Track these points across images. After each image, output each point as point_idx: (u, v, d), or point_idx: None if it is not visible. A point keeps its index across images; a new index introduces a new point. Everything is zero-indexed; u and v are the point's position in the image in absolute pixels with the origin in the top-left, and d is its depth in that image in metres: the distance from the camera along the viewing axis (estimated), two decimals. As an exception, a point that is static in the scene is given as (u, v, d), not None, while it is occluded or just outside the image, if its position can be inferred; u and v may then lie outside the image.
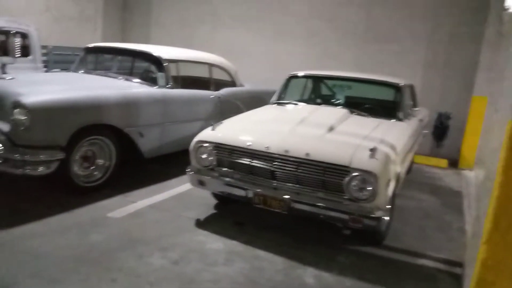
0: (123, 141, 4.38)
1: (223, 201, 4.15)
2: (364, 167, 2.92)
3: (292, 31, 8.77)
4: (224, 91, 5.91)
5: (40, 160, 3.60)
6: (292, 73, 5.19)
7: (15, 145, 3.55)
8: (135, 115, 4.45)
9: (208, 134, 3.61)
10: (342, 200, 3.03)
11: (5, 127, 3.60)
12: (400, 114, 4.26)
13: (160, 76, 4.96)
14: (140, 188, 4.43)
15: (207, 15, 9.79)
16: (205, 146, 3.56)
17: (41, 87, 4.01)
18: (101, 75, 5.01)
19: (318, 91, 5.22)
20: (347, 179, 2.98)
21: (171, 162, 5.28)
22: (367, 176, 2.91)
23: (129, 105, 4.39)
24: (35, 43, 6.50)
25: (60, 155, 3.71)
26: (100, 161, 4.24)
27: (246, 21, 9.27)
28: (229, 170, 3.50)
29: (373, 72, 6.10)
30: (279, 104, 4.81)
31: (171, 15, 10.33)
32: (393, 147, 3.28)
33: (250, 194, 3.32)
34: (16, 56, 6.04)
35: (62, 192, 4.04)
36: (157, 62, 5.01)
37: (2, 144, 3.53)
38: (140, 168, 5.06)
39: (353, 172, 2.95)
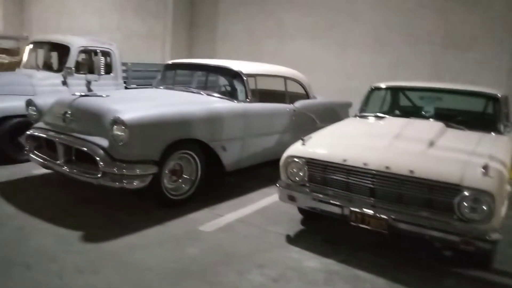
0: (207, 155, 4.45)
1: (310, 216, 4.06)
2: (478, 186, 2.72)
3: (362, 41, 8.59)
4: (299, 103, 5.86)
5: (136, 174, 3.73)
6: (374, 84, 5.04)
7: (114, 159, 3.71)
8: (219, 129, 4.52)
9: (299, 149, 3.56)
10: (451, 220, 2.84)
11: (104, 142, 3.77)
12: (500, 127, 3.97)
13: (240, 90, 5.02)
14: (224, 202, 4.47)
15: (274, 28, 9.86)
16: (296, 161, 3.51)
17: (134, 103, 4.19)
18: (184, 91, 5.15)
19: (404, 103, 5.02)
20: (457, 198, 2.79)
21: (248, 175, 5.29)
22: (482, 196, 2.70)
23: (214, 120, 4.46)
24: (117, 61, 6.84)
25: (154, 169, 3.82)
26: (187, 175, 4.33)
27: (314, 32, 9.21)
28: (322, 186, 3.42)
29: (453, 81, 5.81)
30: (362, 117, 4.67)
31: (237, 30, 10.52)
32: (503, 164, 3.04)
33: (346, 211, 3.21)
34: (101, 74, 6.39)
35: (153, 204, 4.17)
36: (237, 76, 5.07)
37: (101, 159, 3.69)
38: (220, 181, 5.11)
39: (465, 191, 2.76)
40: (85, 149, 3.78)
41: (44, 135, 4.18)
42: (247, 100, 4.98)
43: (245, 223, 3.92)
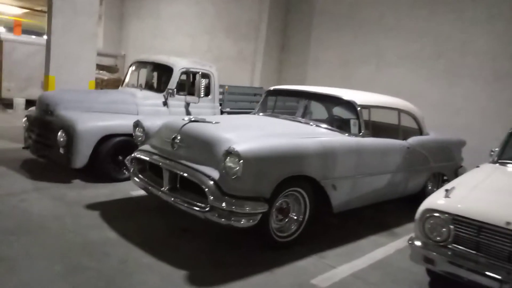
0: (316, 194, 4.01)
1: (440, 280, 3.42)
2: None
3: (473, 73, 7.73)
4: (413, 140, 5.25)
5: (245, 212, 3.38)
6: (516, 126, 4.30)
7: (223, 193, 3.40)
8: (332, 166, 4.06)
9: (442, 203, 2.99)
10: None
11: (215, 174, 3.49)
12: None
13: (353, 123, 4.55)
14: (332, 249, 3.97)
15: (371, 54, 9.33)
16: (439, 217, 2.94)
17: (246, 132, 3.89)
18: (290, 120, 4.79)
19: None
20: None
21: (350, 216, 4.76)
22: None
23: (326, 155, 4.02)
24: (215, 83, 6.73)
25: (264, 208, 3.45)
26: (293, 215, 3.92)
27: (416, 60, 8.53)
28: (472, 252, 2.81)
29: None
30: (503, 164, 3.96)
31: (330, 55, 10.14)
32: None
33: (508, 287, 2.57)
34: (201, 96, 6.29)
35: (255, 244, 3.80)
36: (350, 107, 4.62)
37: (211, 192, 3.40)
38: (321, 223, 4.62)
39: None
40: (194, 179, 3.52)
41: (151, 159, 4.01)
42: (360, 134, 4.49)
43: (363, 281, 3.38)
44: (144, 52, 13.93)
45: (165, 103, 6.17)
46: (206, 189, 3.41)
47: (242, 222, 3.38)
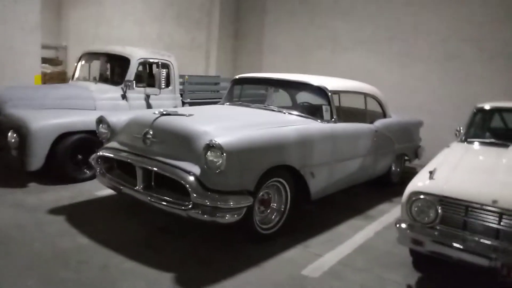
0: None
1: (424, 260, 3.51)
2: None
3: (425, 54, 8.01)
4: (379, 123, 5.36)
5: (230, 207, 3.25)
6: (479, 105, 4.49)
7: (206, 189, 3.25)
8: (309, 154, 4.03)
9: (428, 184, 3.03)
10: None
11: (195, 169, 3.31)
12: None
13: (325, 109, 4.53)
14: (315, 237, 3.96)
15: (326, 38, 9.39)
16: (425, 199, 2.98)
17: (222, 124, 3.73)
18: (263, 109, 4.68)
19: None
20: None
21: (322, 203, 4.76)
22: None
23: (305, 143, 3.97)
24: (175, 73, 6.45)
25: (249, 201, 3.34)
26: (275, 205, 3.84)
27: (371, 44, 8.70)
28: (461, 231, 2.88)
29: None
30: (470, 143, 4.12)
31: (285, 40, 10.09)
32: None
33: (496, 264, 2.66)
34: (162, 87, 6.00)
35: (236, 237, 3.70)
36: (321, 93, 4.59)
37: (193, 189, 3.23)
38: (298, 212, 4.59)
39: None
40: (173, 176, 3.32)
41: (121, 157, 3.74)
42: (332, 119, 4.49)
43: (352, 268, 3.38)
44: (87, 43, 13.12)
45: (124, 96, 5.82)
46: (188, 186, 3.24)
47: (227, 218, 3.25)
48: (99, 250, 3.35)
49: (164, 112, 3.76)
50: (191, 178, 3.27)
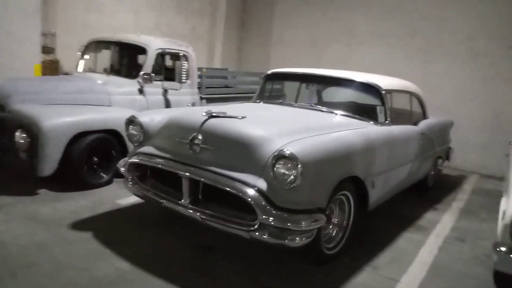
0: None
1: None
2: None
3: (451, 51, 7.65)
4: (423, 124, 4.96)
5: (302, 229, 2.76)
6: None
7: (275, 207, 2.75)
8: (371, 161, 3.57)
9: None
10: None
11: (260, 183, 2.80)
12: None
13: (379, 110, 4.09)
14: (377, 255, 3.52)
15: (341, 32, 8.94)
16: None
17: (281, 127, 3.22)
18: (312, 109, 4.17)
19: None
20: None
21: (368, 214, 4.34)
22: None
23: (368, 149, 3.51)
24: (194, 66, 5.87)
25: (322, 221, 2.86)
26: (336, 220, 3.38)
27: (391, 38, 8.29)
28: None
29: None
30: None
31: (296, 34, 9.60)
32: None
33: None
34: (182, 81, 5.42)
35: (297, 261, 3.23)
36: (373, 92, 4.14)
37: (260, 207, 2.73)
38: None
39: None
40: (235, 191, 2.80)
41: (166, 167, 3.18)
42: (386, 122, 4.05)
43: (436, 294, 2.97)
44: (76, 31, 12.27)
45: (141, 91, 5.22)
46: (253, 203, 2.73)
47: (297, 241, 2.75)
48: (142, 276, 2.82)
49: (214, 114, 3.21)
50: (256, 194, 2.76)
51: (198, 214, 2.99)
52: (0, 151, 4.31)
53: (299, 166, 2.65)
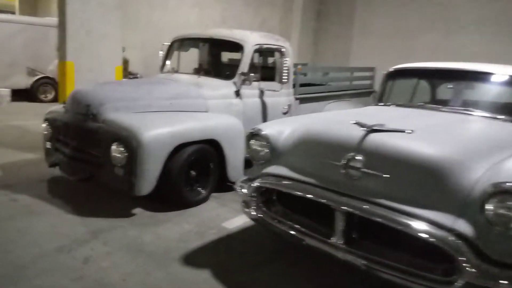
0: None
1: None
2: None
3: None
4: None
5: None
6: None
7: (483, 259, 1.97)
8: None
9: None
10: None
11: (460, 225, 2.04)
12: None
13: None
14: None
15: (436, 18, 7.90)
16: None
17: (467, 145, 2.42)
18: (463, 113, 3.32)
19: None
20: None
21: None
22: None
23: None
24: (291, 63, 5.15)
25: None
26: None
27: (499, 25, 7.17)
28: None
29: None
30: None
31: (381, 23, 8.65)
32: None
33: None
34: (284, 82, 4.73)
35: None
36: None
37: (467, 257, 1.96)
38: None
39: None
40: (425, 236, 2.05)
41: (314, 197, 2.48)
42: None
43: None
44: (139, 29, 11.99)
45: (237, 93, 4.59)
46: (457, 253, 1.97)
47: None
48: None
49: (375, 127, 2.47)
50: (459, 241, 2.00)
51: (362, 261, 2.28)
52: (92, 165, 3.81)
53: (529, 205, 1.86)
